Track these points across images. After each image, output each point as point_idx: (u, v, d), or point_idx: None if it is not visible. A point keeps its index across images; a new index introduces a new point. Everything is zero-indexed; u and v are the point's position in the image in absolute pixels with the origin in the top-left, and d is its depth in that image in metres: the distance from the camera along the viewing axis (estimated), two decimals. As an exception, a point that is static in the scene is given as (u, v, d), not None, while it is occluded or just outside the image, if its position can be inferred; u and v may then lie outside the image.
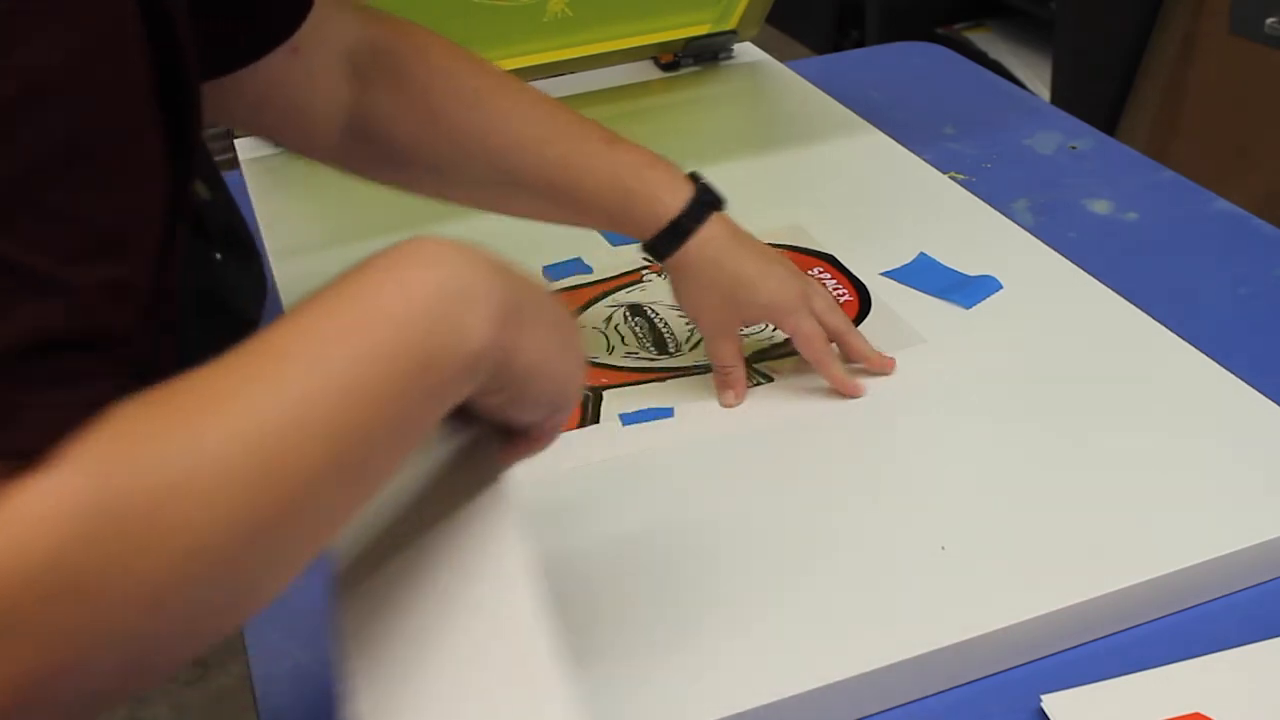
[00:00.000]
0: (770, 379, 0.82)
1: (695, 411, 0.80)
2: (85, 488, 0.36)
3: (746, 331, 0.85)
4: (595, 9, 1.15)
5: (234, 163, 1.14)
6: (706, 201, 0.76)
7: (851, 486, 0.73)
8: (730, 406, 0.79)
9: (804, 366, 0.83)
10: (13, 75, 0.37)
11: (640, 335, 0.87)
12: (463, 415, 0.50)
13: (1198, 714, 0.60)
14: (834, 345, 0.79)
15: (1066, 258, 0.92)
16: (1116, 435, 0.76)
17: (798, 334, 0.78)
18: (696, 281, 0.77)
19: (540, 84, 1.23)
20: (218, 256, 0.89)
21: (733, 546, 0.70)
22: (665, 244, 0.76)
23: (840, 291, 0.90)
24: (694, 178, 0.77)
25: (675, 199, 0.75)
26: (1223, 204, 1.04)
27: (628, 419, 0.79)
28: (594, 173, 0.75)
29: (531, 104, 0.77)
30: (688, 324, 0.88)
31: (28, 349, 0.37)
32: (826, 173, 1.07)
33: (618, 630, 0.65)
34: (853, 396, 0.78)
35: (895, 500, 0.72)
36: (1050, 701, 0.61)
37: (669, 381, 0.83)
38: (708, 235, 0.76)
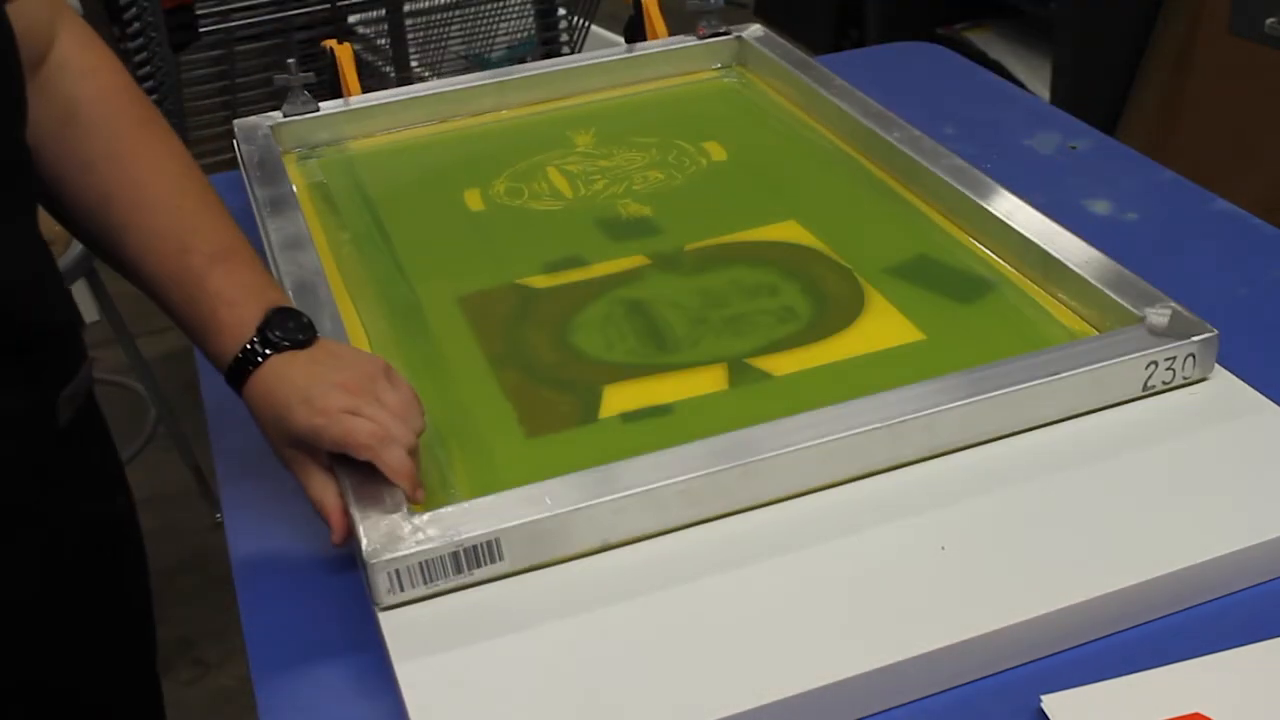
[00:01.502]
0: (769, 376, 0.82)
1: (695, 408, 0.80)
2: None
3: (743, 318, 0.85)
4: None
5: (234, 163, 1.14)
6: (270, 341, 0.73)
7: (851, 486, 0.73)
8: (338, 545, 0.71)
9: (803, 363, 0.83)
10: None
11: (639, 333, 0.87)
12: None
13: (1198, 714, 0.60)
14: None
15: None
16: (1117, 435, 0.76)
17: (336, 445, 0.71)
18: (261, 419, 0.74)
19: (546, 65, 1.24)
20: None
21: (732, 546, 0.70)
22: (232, 382, 0.74)
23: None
24: (271, 316, 0.74)
25: (235, 343, 0.73)
26: (1223, 204, 1.04)
27: (627, 417, 0.79)
28: (181, 289, 0.75)
29: (166, 181, 0.77)
30: (688, 321, 0.88)
31: None
32: (826, 170, 1.07)
33: (617, 630, 0.65)
34: (409, 494, 0.70)
35: (895, 500, 0.72)
36: (1050, 701, 0.61)
37: (668, 379, 0.83)
38: (263, 374, 0.73)
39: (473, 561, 0.67)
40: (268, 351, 0.73)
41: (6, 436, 0.72)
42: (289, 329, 0.74)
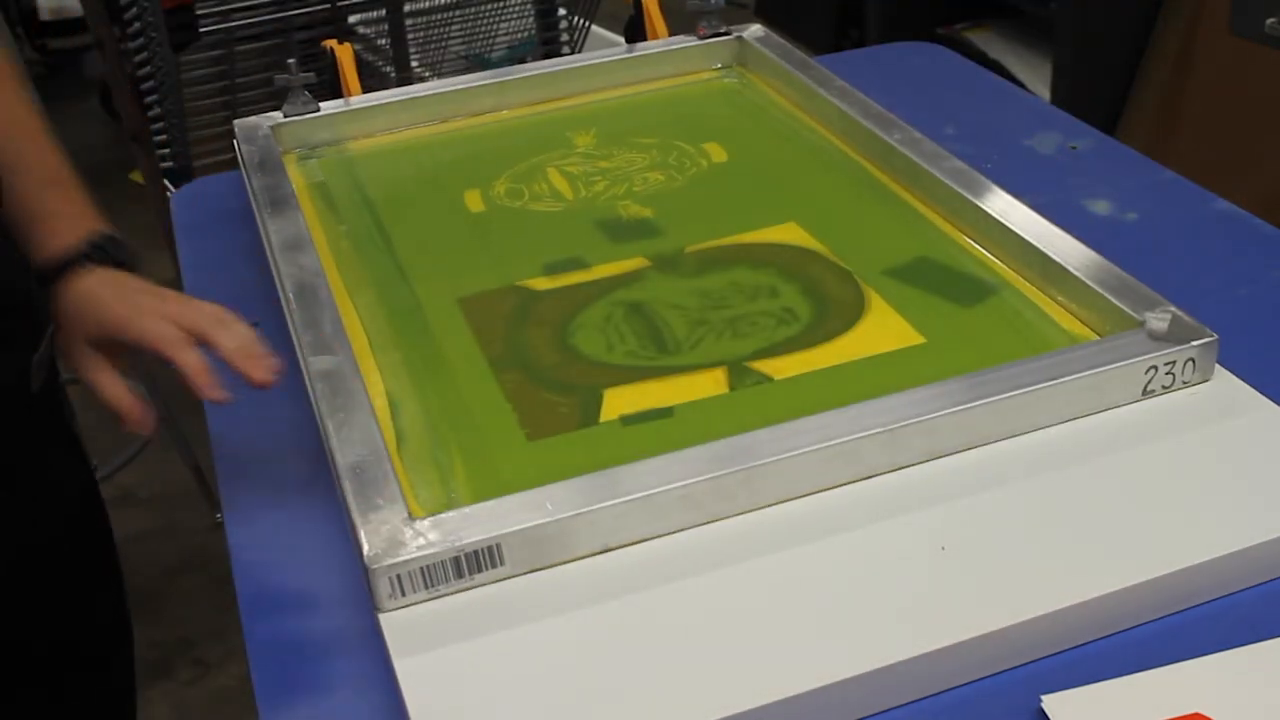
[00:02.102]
0: (769, 379, 0.82)
1: (695, 412, 0.80)
2: None
3: (743, 320, 0.86)
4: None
5: (234, 163, 1.14)
6: (104, 252, 0.80)
7: (851, 486, 0.73)
8: (140, 430, 0.77)
9: (803, 367, 0.83)
10: None
11: (640, 335, 0.87)
12: None
13: (1198, 714, 0.60)
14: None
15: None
16: (1117, 434, 0.76)
17: (139, 339, 0.75)
18: (71, 309, 0.78)
19: (546, 65, 1.24)
20: None
21: (732, 545, 0.70)
22: (51, 274, 0.79)
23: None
24: (98, 236, 0.81)
25: (64, 241, 0.79)
26: (1223, 204, 1.04)
27: (627, 419, 0.80)
28: (23, 174, 0.82)
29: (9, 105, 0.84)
30: (688, 322, 0.88)
31: None
32: (826, 172, 1.07)
33: (618, 629, 0.65)
34: (208, 393, 0.74)
35: (895, 500, 0.72)
36: (1050, 701, 0.61)
37: (669, 381, 0.83)
38: (90, 276, 0.78)
39: (474, 566, 0.67)
40: (98, 262, 0.79)
41: None
42: (122, 248, 0.80)
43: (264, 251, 0.98)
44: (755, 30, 1.28)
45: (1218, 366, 0.79)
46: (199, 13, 1.74)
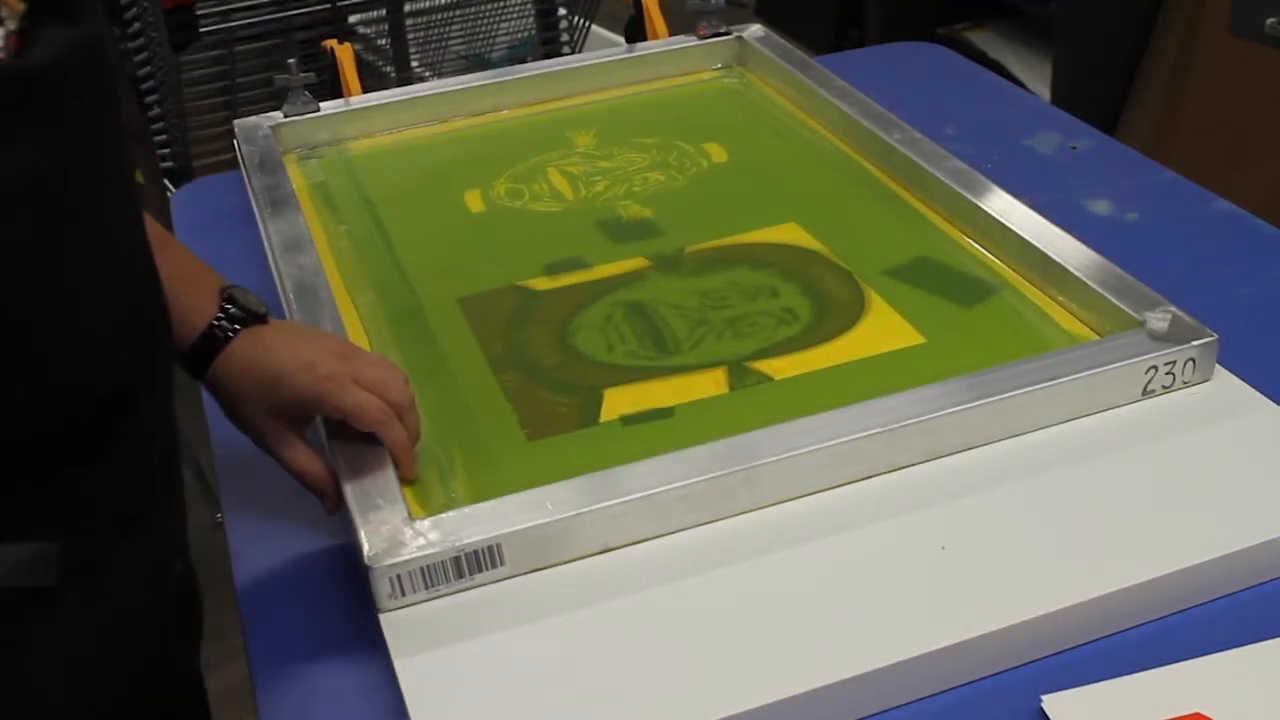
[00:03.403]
0: (769, 379, 0.82)
1: (695, 412, 0.80)
2: None
3: (743, 319, 0.86)
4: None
5: (234, 163, 1.14)
6: (235, 317, 0.73)
7: (851, 486, 0.73)
8: (333, 514, 0.73)
9: (803, 367, 0.83)
10: None
11: (640, 335, 0.87)
12: None
13: (1198, 714, 0.60)
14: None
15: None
16: (1117, 434, 0.76)
17: (344, 411, 0.71)
18: (239, 394, 0.73)
19: (546, 65, 1.24)
20: None
21: (732, 546, 0.70)
22: (196, 361, 0.73)
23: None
24: (228, 292, 0.74)
25: (200, 317, 0.72)
26: (1223, 204, 1.04)
27: (627, 419, 0.80)
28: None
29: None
30: (688, 322, 0.88)
31: None
32: (826, 172, 1.07)
33: (618, 629, 0.65)
34: (404, 469, 0.73)
35: (895, 500, 0.72)
36: (1050, 701, 0.61)
37: (669, 381, 0.83)
38: (238, 347, 0.72)
39: (474, 566, 0.67)
40: (237, 327, 0.73)
41: None
42: (252, 302, 0.74)
43: (264, 251, 0.98)
44: (755, 30, 1.28)
45: (1218, 366, 0.79)
46: (199, 13, 1.74)
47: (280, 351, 0.72)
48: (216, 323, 0.72)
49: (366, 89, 1.22)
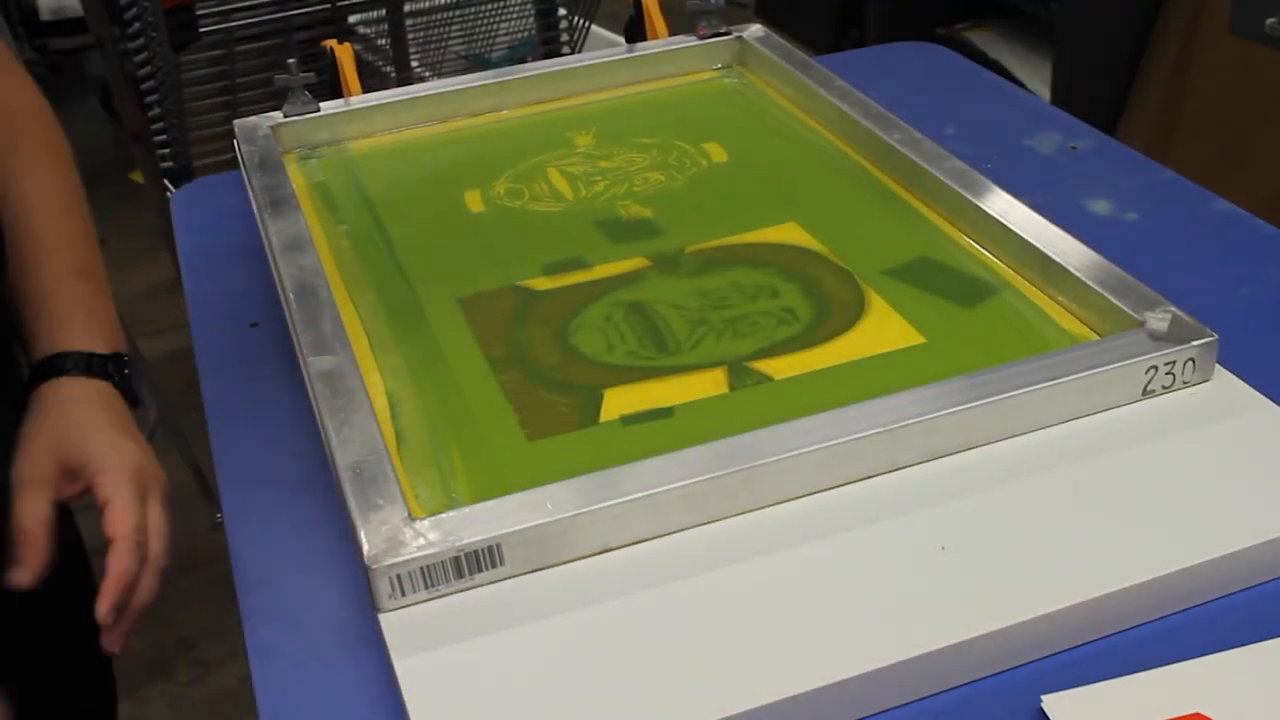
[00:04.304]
0: (769, 379, 0.82)
1: (695, 412, 0.80)
2: None
3: (743, 319, 0.86)
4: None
5: (234, 163, 1.14)
6: (102, 369, 0.73)
7: (851, 486, 0.73)
8: (21, 586, 0.67)
9: (802, 367, 0.83)
10: None
11: (640, 335, 0.87)
12: None
13: (1198, 714, 0.60)
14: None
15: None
16: (1116, 434, 0.76)
17: (112, 500, 0.69)
18: (41, 414, 0.71)
19: (546, 65, 1.24)
20: None
21: (732, 545, 0.70)
22: (39, 372, 0.73)
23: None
24: (114, 359, 0.74)
25: (73, 344, 0.73)
26: (1223, 204, 1.04)
27: (627, 419, 0.80)
28: (49, 267, 0.77)
29: (53, 189, 0.80)
30: (688, 322, 0.88)
31: None
32: (826, 172, 1.07)
33: (618, 628, 0.65)
34: (103, 600, 0.67)
35: (895, 499, 0.72)
36: (1050, 701, 0.61)
37: (669, 381, 0.83)
38: (79, 386, 0.71)
39: (474, 566, 0.67)
40: (109, 371, 0.73)
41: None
42: (129, 378, 0.74)
43: (264, 251, 0.98)
44: (755, 30, 1.28)
45: (1218, 366, 0.79)
46: (199, 13, 1.74)
47: (112, 407, 0.72)
48: (95, 355, 0.73)
49: (366, 89, 1.22)
